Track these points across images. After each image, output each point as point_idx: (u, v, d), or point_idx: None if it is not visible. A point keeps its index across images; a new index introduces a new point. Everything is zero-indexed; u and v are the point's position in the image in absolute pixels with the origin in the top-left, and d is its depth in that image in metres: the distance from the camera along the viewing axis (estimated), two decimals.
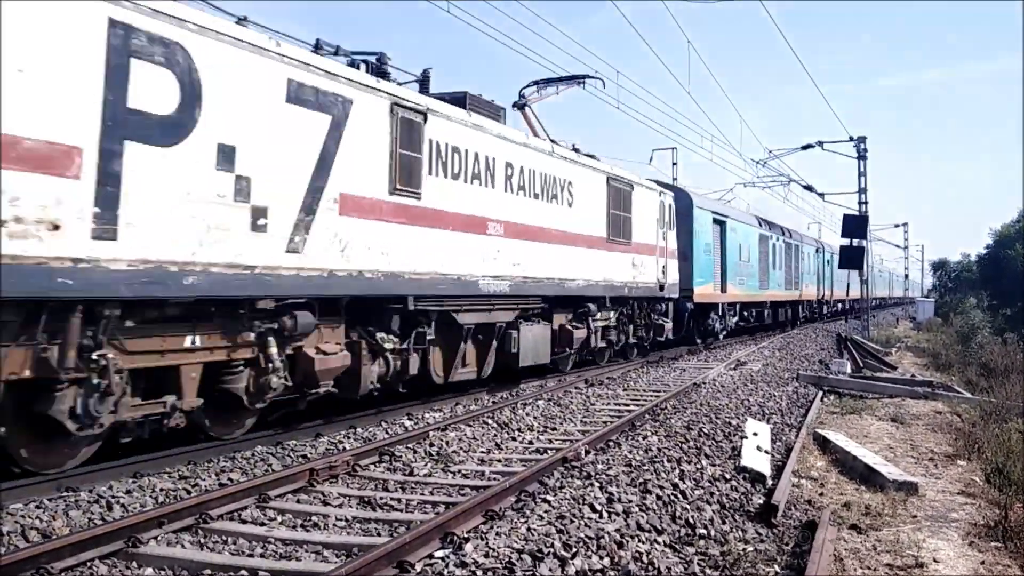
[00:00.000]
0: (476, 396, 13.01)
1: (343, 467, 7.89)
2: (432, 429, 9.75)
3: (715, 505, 7.10)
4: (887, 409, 13.89)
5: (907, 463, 9.81)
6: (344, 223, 9.31)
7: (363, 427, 10.18)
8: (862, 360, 23.08)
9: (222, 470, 7.90)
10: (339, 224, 9.24)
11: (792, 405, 13.86)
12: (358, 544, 5.79)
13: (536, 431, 10.47)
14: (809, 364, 21.23)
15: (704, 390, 14.21)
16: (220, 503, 6.49)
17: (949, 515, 7.60)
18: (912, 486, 8.28)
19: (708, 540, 6.25)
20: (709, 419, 11.02)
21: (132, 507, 6.58)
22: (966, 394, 15.51)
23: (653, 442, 9.25)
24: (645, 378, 16.51)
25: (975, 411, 13.08)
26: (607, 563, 5.37)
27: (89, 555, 5.37)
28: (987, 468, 9.13)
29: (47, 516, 6.22)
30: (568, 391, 13.94)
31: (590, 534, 5.75)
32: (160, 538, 5.83)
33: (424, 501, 7.08)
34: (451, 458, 8.60)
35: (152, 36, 7.06)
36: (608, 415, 11.73)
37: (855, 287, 48.56)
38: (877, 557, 6.28)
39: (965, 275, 64.66)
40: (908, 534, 6.84)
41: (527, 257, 13.18)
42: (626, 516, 6.29)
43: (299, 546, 5.79)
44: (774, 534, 6.72)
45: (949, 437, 11.39)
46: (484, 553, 5.36)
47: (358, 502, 7.04)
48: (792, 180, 36.49)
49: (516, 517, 6.27)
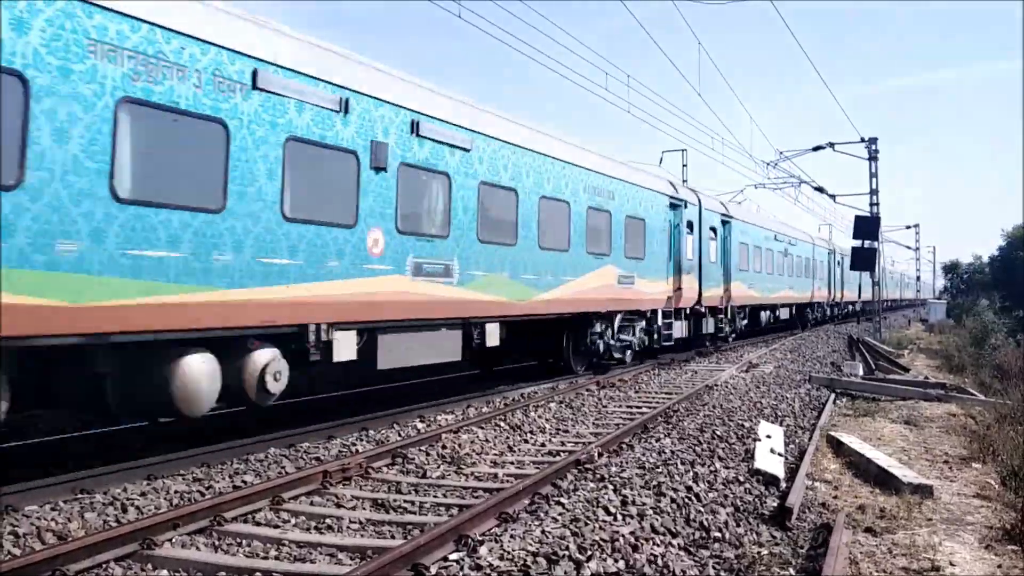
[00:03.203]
0: (489, 398, 13.01)
1: (356, 469, 7.90)
2: (444, 431, 9.75)
3: (729, 508, 7.07)
4: (900, 411, 13.83)
5: (921, 466, 9.75)
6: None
7: (375, 429, 10.19)
8: (874, 362, 22.97)
9: (236, 472, 7.92)
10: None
11: (805, 407, 13.80)
12: (372, 546, 5.79)
13: (548, 433, 10.45)
14: (821, 366, 21.14)
15: (716, 392, 14.16)
16: (234, 505, 6.51)
17: (965, 518, 7.55)
18: (927, 489, 8.23)
19: (723, 543, 6.22)
20: (722, 421, 10.98)
21: (147, 509, 6.60)
22: (980, 396, 15.41)
23: (666, 444, 9.22)
24: (656, 380, 16.47)
25: (989, 413, 12.98)
26: (622, 566, 5.34)
27: (104, 557, 5.40)
28: (1002, 471, 9.07)
29: (62, 518, 6.25)
30: (580, 393, 13.92)
31: (605, 537, 5.73)
32: (175, 540, 5.85)
33: (437, 503, 7.07)
34: (464, 460, 8.60)
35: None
36: (620, 417, 11.70)
37: (857, 289, 48.51)
38: (893, 560, 6.24)
39: (977, 277, 64.26)
40: (924, 537, 6.80)
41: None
42: (640, 519, 6.27)
43: (313, 548, 5.80)
44: (789, 537, 6.69)
45: (963, 440, 11.31)
46: (499, 556, 5.34)
47: (372, 504, 7.05)
48: (803, 182, 36.34)
49: (530, 519, 6.26)
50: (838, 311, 47.13)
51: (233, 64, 7.92)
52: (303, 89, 8.69)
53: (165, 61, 7.24)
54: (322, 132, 8.95)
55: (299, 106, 8.67)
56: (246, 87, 8.04)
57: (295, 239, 8.63)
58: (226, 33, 7.90)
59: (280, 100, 8.43)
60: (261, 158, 8.22)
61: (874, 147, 33.16)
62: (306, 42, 9.11)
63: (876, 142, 33.21)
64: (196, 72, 7.54)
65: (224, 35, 7.84)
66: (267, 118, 8.29)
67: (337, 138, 9.20)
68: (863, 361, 22.79)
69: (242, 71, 8.00)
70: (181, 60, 7.40)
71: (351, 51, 9.98)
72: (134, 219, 6.99)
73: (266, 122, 8.27)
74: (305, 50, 8.99)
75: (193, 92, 7.51)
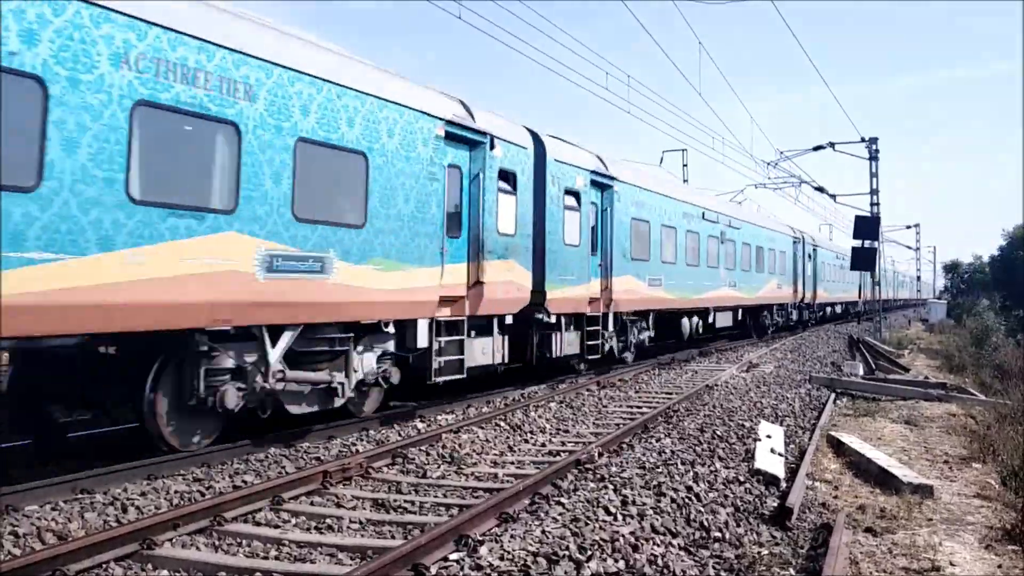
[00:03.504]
0: (489, 398, 13.01)
1: (356, 469, 7.90)
2: (445, 431, 9.75)
3: (729, 508, 7.06)
4: (901, 411, 13.83)
5: (922, 466, 9.75)
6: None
7: (375, 429, 10.20)
8: (874, 362, 22.97)
9: (236, 472, 7.92)
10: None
11: (805, 407, 13.80)
12: (372, 546, 5.80)
13: (549, 433, 10.45)
14: (821, 366, 21.14)
15: (717, 392, 14.16)
16: (234, 505, 6.51)
17: (965, 518, 7.55)
18: (927, 489, 8.23)
19: (723, 543, 6.22)
20: (722, 421, 10.98)
21: (147, 509, 6.60)
22: (980, 396, 15.41)
23: (666, 444, 9.22)
24: (657, 380, 16.47)
25: (990, 413, 12.98)
26: (622, 566, 5.34)
27: (105, 557, 5.40)
28: (1003, 471, 9.06)
29: (63, 518, 6.25)
30: (580, 393, 13.92)
31: (605, 537, 5.73)
32: (175, 540, 5.85)
33: (438, 503, 7.07)
34: (464, 460, 8.60)
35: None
36: (621, 417, 11.70)
37: (842, 287, 45.29)
38: (893, 560, 6.24)
39: (978, 277, 64.30)
40: (924, 537, 6.80)
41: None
42: (641, 519, 6.27)
43: (313, 548, 5.80)
44: (789, 537, 6.69)
45: (964, 440, 11.31)
46: (499, 556, 5.35)
47: (372, 504, 7.05)
48: (803, 181, 36.31)
49: (530, 519, 6.26)
50: (810, 314, 37.99)
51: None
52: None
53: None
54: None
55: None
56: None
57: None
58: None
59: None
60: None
61: (875, 147, 33.17)
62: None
63: (876, 142, 33.23)
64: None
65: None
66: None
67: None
68: (863, 361, 22.79)
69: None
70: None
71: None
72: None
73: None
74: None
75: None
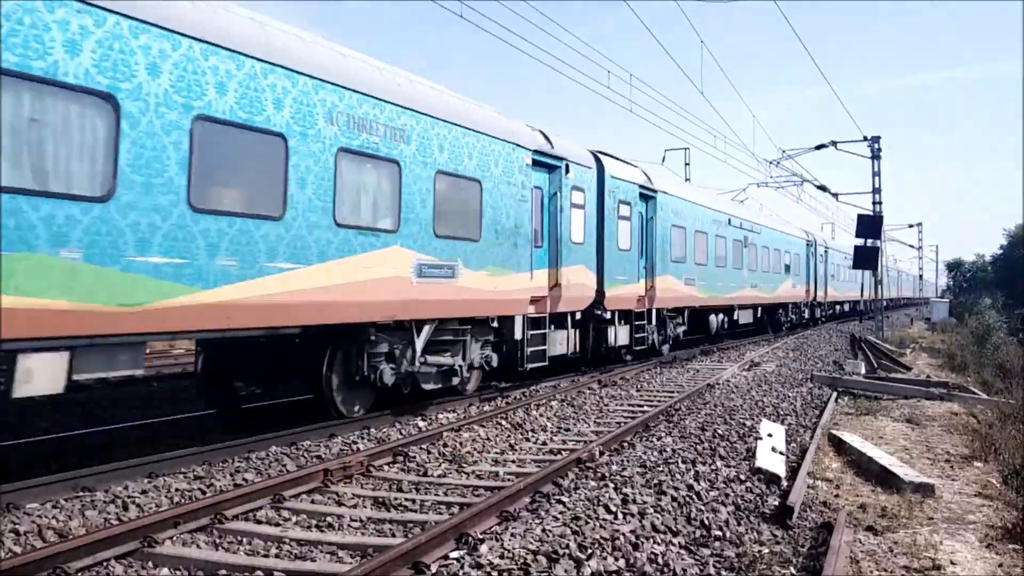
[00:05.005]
0: (490, 397, 13.01)
1: (357, 467, 7.90)
2: (446, 430, 9.75)
3: (730, 506, 7.06)
4: (902, 410, 13.80)
5: (923, 465, 9.73)
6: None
7: (377, 428, 10.20)
8: (876, 361, 22.95)
9: (237, 470, 7.93)
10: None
11: (807, 406, 13.78)
12: (373, 544, 5.80)
13: (550, 432, 10.45)
14: (823, 365, 21.12)
15: (718, 391, 14.15)
16: (235, 503, 6.52)
17: (966, 517, 7.54)
18: (928, 488, 8.21)
19: (723, 542, 6.21)
20: (724, 420, 10.97)
21: (148, 507, 6.61)
22: (982, 395, 15.38)
23: (668, 443, 9.22)
24: (658, 379, 16.47)
25: (991, 412, 12.95)
26: (623, 564, 5.34)
27: (105, 555, 5.41)
28: (1004, 470, 9.04)
29: (63, 516, 6.27)
30: (582, 391, 13.92)
31: (605, 535, 5.73)
32: (175, 538, 5.86)
33: (438, 502, 7.08)
34: (465, 459, 8.60)
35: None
36: (622, 416, 11.70)
37: (849, 287, 45.81)
38: (893, 559, 6.22)
39: (980, 275, 64.26)
40: (925, 536, 6.79)
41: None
42: (641, 517, 6.27)
43: (314, 546, 5.81)
44: (790, 536, 6.67)
45: (965, 439, 11.28)
46: (499, 554, 5.35)
47: (372, 502, 7.05)
48: (806, 180, 36.31)
49: (531, 518, 6.26)
50: (821, 313, 40.77)
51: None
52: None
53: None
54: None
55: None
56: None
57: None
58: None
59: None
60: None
61: (877, 146, 33.12)
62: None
63: (879, 141, 33.18)
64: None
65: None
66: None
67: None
68: (865, 360, 22.75)
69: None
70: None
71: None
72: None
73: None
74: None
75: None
